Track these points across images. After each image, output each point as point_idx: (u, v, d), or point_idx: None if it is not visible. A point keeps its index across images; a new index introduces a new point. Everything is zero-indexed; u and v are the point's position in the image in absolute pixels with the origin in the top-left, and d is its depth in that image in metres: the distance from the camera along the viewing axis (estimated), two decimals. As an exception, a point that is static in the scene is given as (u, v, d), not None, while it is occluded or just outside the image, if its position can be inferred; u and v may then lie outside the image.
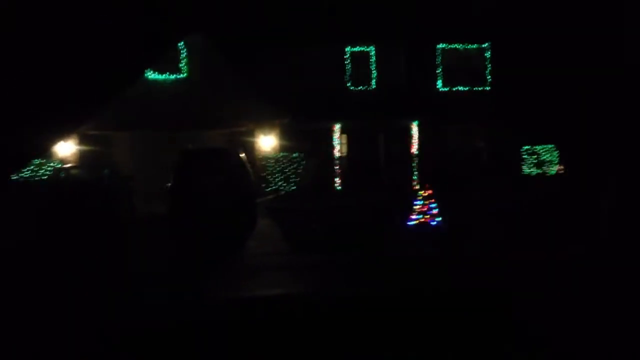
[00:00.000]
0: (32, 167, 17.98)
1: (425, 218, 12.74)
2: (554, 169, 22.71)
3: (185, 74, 20.56)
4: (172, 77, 20.47)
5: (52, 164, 18.37)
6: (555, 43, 22.44)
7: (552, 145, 22.82)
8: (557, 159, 22.87)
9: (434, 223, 12.68)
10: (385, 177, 22.81)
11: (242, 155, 14.28)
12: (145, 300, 7.86)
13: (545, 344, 5.96)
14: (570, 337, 6.11)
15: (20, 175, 17.49)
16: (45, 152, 16.25)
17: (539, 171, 22.64)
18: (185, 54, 20.47)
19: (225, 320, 6.90)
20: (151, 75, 20.17)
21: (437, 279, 8.75)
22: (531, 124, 22.49)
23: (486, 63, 23.57)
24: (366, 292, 7.94)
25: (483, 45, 23.49)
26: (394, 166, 21.95)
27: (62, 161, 19.09)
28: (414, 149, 21.99)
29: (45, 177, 17.71)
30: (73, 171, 17.16)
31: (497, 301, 7.39)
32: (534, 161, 22.72)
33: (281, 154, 19.97)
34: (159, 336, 6.41)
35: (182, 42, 20.20)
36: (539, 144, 22.73)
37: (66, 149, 19.64)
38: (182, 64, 20.53)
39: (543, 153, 22.74)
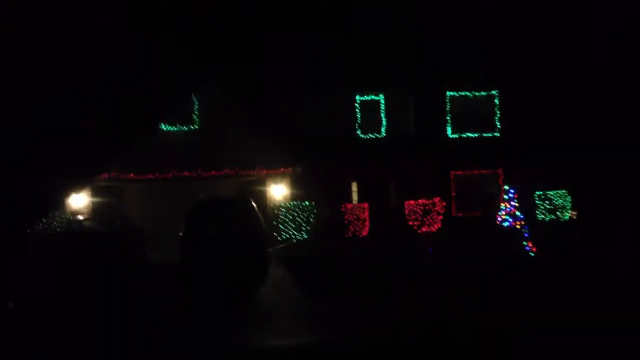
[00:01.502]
0: (46, 219, 18.08)
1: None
2: (568, 214, 22.51)
3: (196, 125, 20.86)
4: (184, 128, 20.76)
5: (65, 216, 18.49)
6: (563, 89, 22.60)
7: (565, 191, 22.68)
8: (570, 204, 22.68)
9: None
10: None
11: (253, 204, 14.32)
12: (157, 347, 7.80)
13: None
14: None
15: (34, 227, 17.58)
16: (60, 204, 16.38)
17: (552, 217, 22.42)
18: (197, 105, 20.81)
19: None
20: (163, 126, 20.47)
21: (452, 320, 8.61)
22: (543, 169, 22.47)
23: (495, 109, 23.77)
24: (381, 339, 7.82)
25: (492, 92, 23.74)
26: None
27: (75, 213, 19.23)
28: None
29: (59, 229, 17.80)
30: (85, 222, 17.37)
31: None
32: (547, 206, 22.54)
33: (292, 202, 20.01)
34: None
35: (194, 94, 20.55)
36: (551, 190, 22.60)
37: (79, 200, 19.82)
38: (194, 116, 20.85)
39: (556, 198, 22.57)
